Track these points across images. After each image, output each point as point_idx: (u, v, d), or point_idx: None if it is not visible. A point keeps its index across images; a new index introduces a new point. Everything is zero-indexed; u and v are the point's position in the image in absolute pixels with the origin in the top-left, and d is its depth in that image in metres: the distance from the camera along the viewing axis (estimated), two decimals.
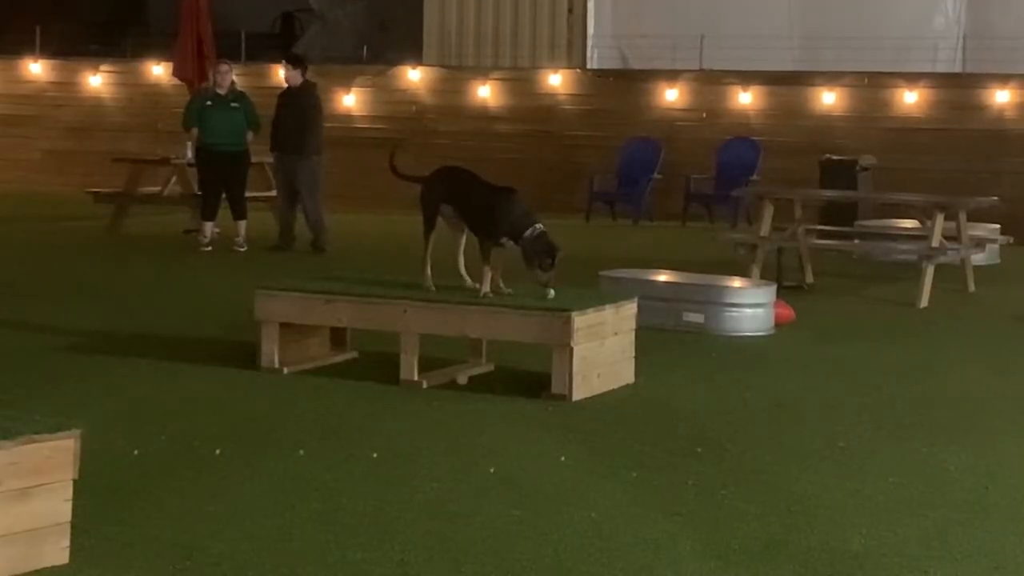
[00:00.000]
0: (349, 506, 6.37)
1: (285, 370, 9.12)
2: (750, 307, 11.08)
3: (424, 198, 9.48)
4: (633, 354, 9.09)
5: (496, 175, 21.51)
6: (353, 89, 21.60)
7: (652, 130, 19.97)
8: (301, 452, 7.17)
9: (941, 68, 19.37)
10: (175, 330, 10.64)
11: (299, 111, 15.43)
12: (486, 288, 8.86)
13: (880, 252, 14.97)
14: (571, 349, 8.45)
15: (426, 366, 8.95)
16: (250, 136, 15.67)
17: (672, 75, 20.22)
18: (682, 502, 6.56)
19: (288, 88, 15.82)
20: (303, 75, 15.73)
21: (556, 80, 20.84)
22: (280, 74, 20.36)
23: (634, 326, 9.13)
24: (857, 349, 10.57)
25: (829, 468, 7.18)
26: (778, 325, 11.15)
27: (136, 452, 7.14)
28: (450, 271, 9.22)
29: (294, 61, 16.13)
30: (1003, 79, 18.71)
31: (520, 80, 21.03)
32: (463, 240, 9.18)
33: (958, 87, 19.00)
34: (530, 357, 9.24)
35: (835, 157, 17.61)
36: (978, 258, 14.26)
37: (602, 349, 8.76)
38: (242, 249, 15.44)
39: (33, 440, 5.44)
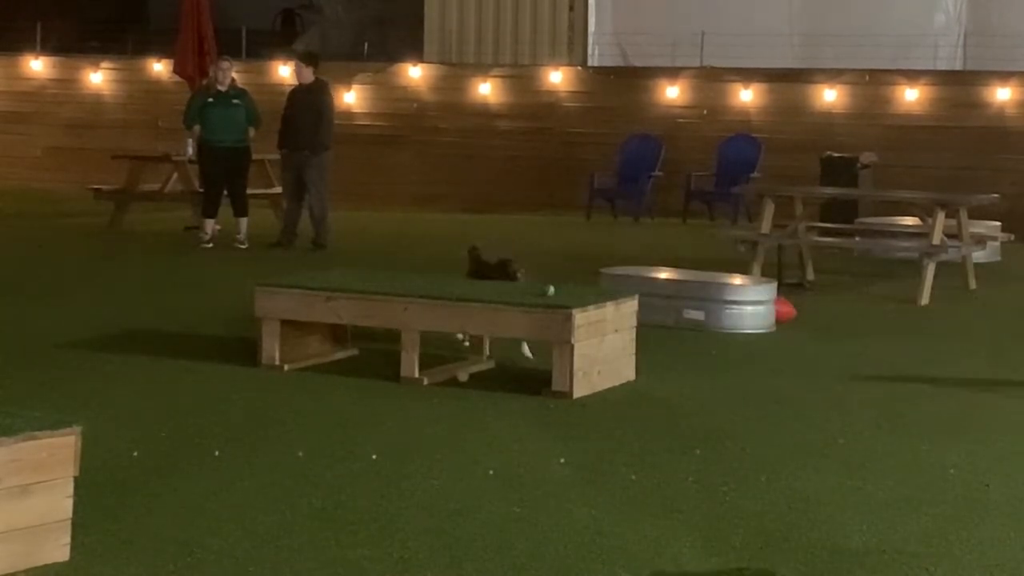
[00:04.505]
0: (349, 503, 6.37)
1: (286, 367, 9.12)
2: (751, 304, 11.08)
3: None
4: (633, 351, 9.09)
5: (497, 172, 21.69)
6: (354, 86, 21.59)
7: (653, 127, 19.97)
8: (300, 454, 7.17)
9: (942, 65, 19.37)
10: (176, 327, 10.64)
11: (312, 108, 15.43)
12: None
13: (881, 249, 14.97)
14: (571, 346, 8.46)
15: (427, 363, 8.96)
16: (251, 133, 15.68)
17: (673, 72, 20.21)
18: (683, 499, 6.56)
19: (299, 86, 15.82)
20: (314, 72, 15.74)
21: (557, 77, 20.84)
22: (281, 71, 20.46)
23: (634, 323, 9.13)
24: (857, 346, 10.57)
25: (829, 465, 7.19)
26: (779, 323, 11.15)
27: (136, 449, 7.14)
28: (453, 266, 9.22)
29: (307, 59, 16.14)
30: (1004, 76, 18.70)
31: (521, 77, 21.03)
32: None
33: (959, 84, 18.99)
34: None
35: (836, 154, 17.61)
36: (979, 255, 14.25)
37: (602, 346, 8.76)
38: (243, 246, 15.45)
39: (34, 437, 5.44)
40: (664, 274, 11.71)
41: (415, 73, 21.48)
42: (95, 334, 10.27)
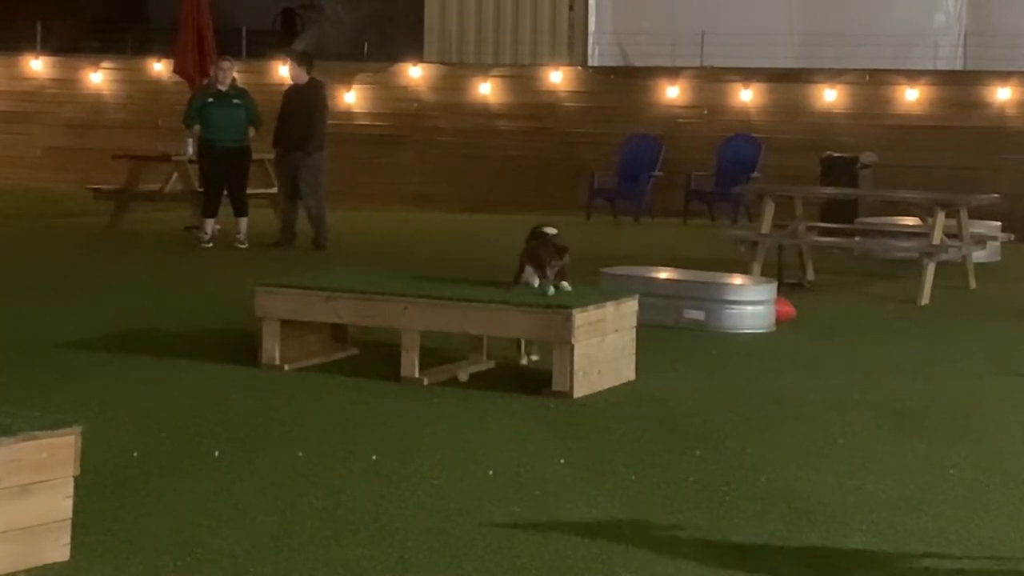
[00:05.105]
0: (349, 503, 6.37)
1: (286, 367, 9.12)
2: (751, 304, 11.08)
3: None
4: (634, 351, 9.09)
5: (497, 172, 21.69)
6: (354, 86, 21.60)
7: (653, 127, 19.97)
8: (300, 454, 7.17)
9: (942, 65, 19.38)
10: (176, 327, 10.64)
11: (304, 108, 15.45)
12: None
13: (881, 249, 14.97)
14: (572, 346, 8.45)
15: (427, 362, 8.95)
16: (251, 132, 15.69)
17: (673, 72, 20.21)
18: (682, 499, 6.56)
19: (294, 85, 15.84)
20: (308, 72, 15.76)
21: (557, 77, 20.84)
22: (281, 71, 20.44)
23: (635, 323, 9.13)
24: (858, 346, 10.57)
25: (829, 465, 7.18)
26: (779, 322, 11.15)
27: (136, 449, 7.13)
28: (454, 266, 9.22)
29: (300, 59, 16.16)
30: (1004, 76, 18.70)
31: (521, 77, 21.03)
32: None
33: (959, 84, 18.99)
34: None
35: (836, 154, 17.61)
36: (979, 255, 14.24)
37: (603, 346, 8.76)
38: (243, 246, 15.45)
39: (34, 437, 5.44)
40: (664, 274, 11.71)
41: (415, 73, 21.48)
42: (95, 334, 10.27)
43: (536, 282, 8.88)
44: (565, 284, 8.93)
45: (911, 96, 19.07)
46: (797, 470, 7.08)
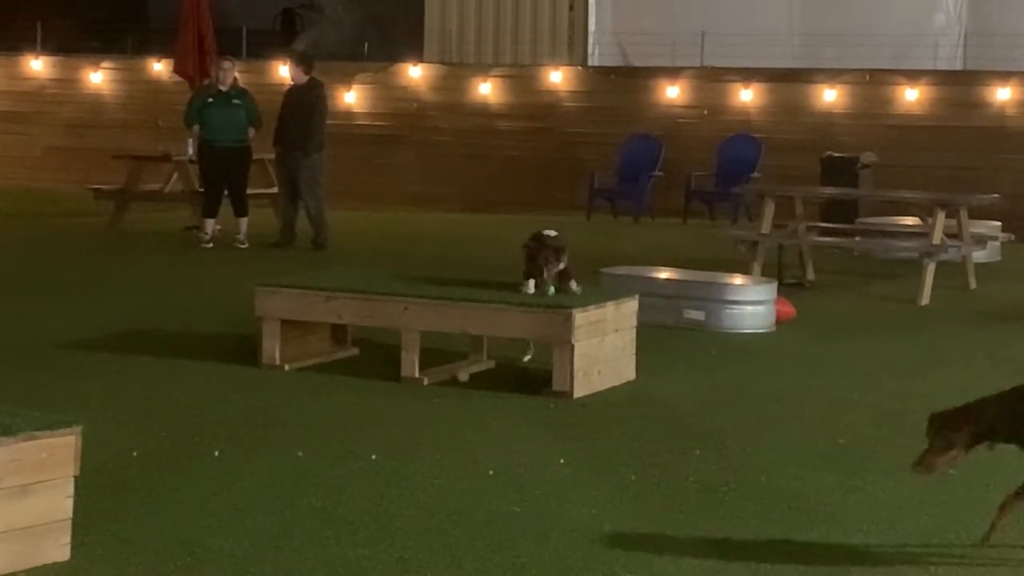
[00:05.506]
0: (349, 503, 6.37)
1: (286, 367, 9.12)
2: (751, 304, 11.08)
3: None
4: (634, 351, 9.09)
5: (497, 172, 21.67)
6: (354, 86, 21.60)
7: (653, 127, 19.97)
8: (300, 454, 7.17)
9: (942, 65, 19.38)
10: (176, 327, 10.64)
11: (303, 108, 15.46)
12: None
13: (881, 249, 14.97)
14: (572, 346, 8.45)
15: (427, 362, 8.95)
16: (251, 133, 15.69)
17: (673, 72, 20.22)
18: (683, 499, 6.56)
19: (294, 85, 15.86)
20: (307, 73, 15.77)
21: (557, 77, 20.84)
22: (281, 71, 20.45)
23: (635, 323, 9.13)
24: (858, 346, 10.57)
25: (830, 465, 7.19)
26: (779, 322, 11.15)
27: (136, 449, 7.13)
28: (454, 266, 9.21)
29: (299, 59, 16.18)
30: (1004, 76, 18.71)
31: (521, 77, 21.04)
32: None
33: (959, 84, 18.99)
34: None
35: (836, 154, 17.61)
36: (979, 255, 14.24)
37: (603, 346, 8.76)
38: (243, 246, 15.45)
39: (34, 437, 5.45)
40: (664, 274, 11.71)
41: (415, 73, 21.48)
42: (95, 334, 10.27)
43: (531, 290, 8.82)
44: (573, 285, 8.91)
45: (911, 96, 19.07)
46: (797, 470, 7.08)
